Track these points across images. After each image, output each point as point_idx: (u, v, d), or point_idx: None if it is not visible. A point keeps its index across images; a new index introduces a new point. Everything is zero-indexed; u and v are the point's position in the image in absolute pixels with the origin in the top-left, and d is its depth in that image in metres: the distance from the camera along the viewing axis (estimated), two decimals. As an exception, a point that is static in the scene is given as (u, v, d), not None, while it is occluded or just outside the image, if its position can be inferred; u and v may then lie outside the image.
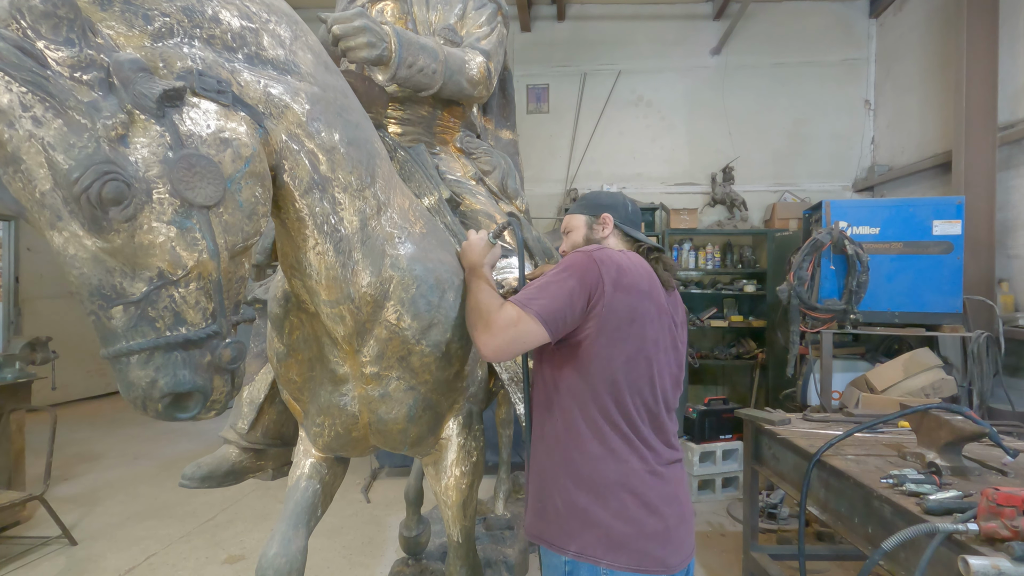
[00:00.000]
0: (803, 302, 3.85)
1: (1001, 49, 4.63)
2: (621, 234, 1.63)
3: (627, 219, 1.64)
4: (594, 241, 1.61)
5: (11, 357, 3.73)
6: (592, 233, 1.63)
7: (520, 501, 3.54)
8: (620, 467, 1.38)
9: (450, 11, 2.15)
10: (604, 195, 1.70)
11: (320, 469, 1.74)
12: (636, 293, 1.40)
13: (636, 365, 1.39)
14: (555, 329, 1.36)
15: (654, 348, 1.42)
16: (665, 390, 1.46)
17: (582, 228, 1.65)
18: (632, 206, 1.68)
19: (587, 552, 1.36)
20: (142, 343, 1.03)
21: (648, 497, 1.38)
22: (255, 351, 2.01)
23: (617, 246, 1.60)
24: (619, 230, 1.63)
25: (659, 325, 1.44)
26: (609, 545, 1.35)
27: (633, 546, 1.35)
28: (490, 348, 1.40)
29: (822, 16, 7.03)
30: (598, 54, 7.30)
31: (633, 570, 1.35)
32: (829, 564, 3.15)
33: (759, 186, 7.07)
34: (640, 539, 1.36)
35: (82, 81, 0.95)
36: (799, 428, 2.54)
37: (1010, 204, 4.65)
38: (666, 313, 1.48)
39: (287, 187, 1.27)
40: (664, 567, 1.37)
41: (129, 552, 3.43)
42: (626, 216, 1.64)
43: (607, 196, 1.69)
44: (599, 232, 1.62)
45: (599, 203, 1.65)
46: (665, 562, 1.38)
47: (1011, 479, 1.83)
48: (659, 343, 1.44)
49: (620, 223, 1.63)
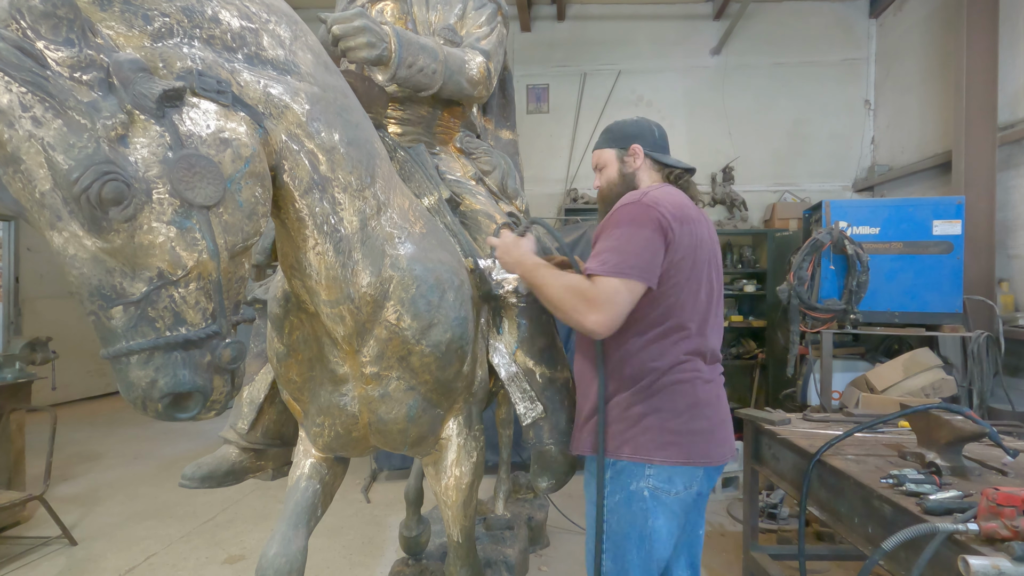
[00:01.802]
0: (803, 302, 3.85)
1: (1001, 49, 4.63)
2: (652, 161, 1.66)
3: (656, 145, 1.67)
4: (627, 174, 1.65)
5: (11, 357, 3.73)
6: (624, 166, 1.66)
7: (520, 501, 3.54)
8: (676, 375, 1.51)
9: (450, 11, 2.15)
10: (630, 124, 1.70)
11: (320, 469, 1.74)
12: (691, 223, 1.51)
13: (697, 286, 1.51)
14: (654, 279, 1.45)
15: (707, 268, 1.55)
16: (715, 303, 1.58)
17: (614, 162, 1.68)
18: (659, 130, 1.70)
19: (640, 453, 1.50)
20: (142, 343, 1.03)
21: (697, 397, 1.52)
22: (255, 351, 2.01)
23: (650, 175, 1.66)
24: (650, 159, 1.65)
25: (708, 246, 1.56)
26: (661, 443, 1.49)
27: (682, 442, 1.50)
28: (604, 324, 1.42)
29: (822, 16, 7.03)
30: (598, 54, 7.30)
31: (682, 463, 1.50)
32: (829, 564, 3.15)
33: (759, 186, 7.07)
34: (688, 435, 1.50)
35: (82, 81, 0.95)
36: (799, 428, 2.54)
37: (1010, 204, 4.65)
38: (709, 238, 1.58)
39: (287, 187, 1.27)
40: (707, 459, 1.54)
41: (129, 552, 3.43)
42: (654, 142, 1.67)
43: (633, 125, 1.70)
44: (631, 164, 1.65)
45: (626, 134, 1.67)
46: (709, 454, 1.54)
47: (1011, 479, 1.82)
48: (710, 262, 1.56)
49: (650, 151, 1.65)
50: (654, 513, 1.50)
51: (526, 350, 1.89)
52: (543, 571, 3.21)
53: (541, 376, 1.90)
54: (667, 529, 1.53)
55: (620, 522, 1.53)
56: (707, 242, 1.55)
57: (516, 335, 1.89)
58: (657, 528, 1.51)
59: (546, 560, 3.31)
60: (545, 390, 1.89)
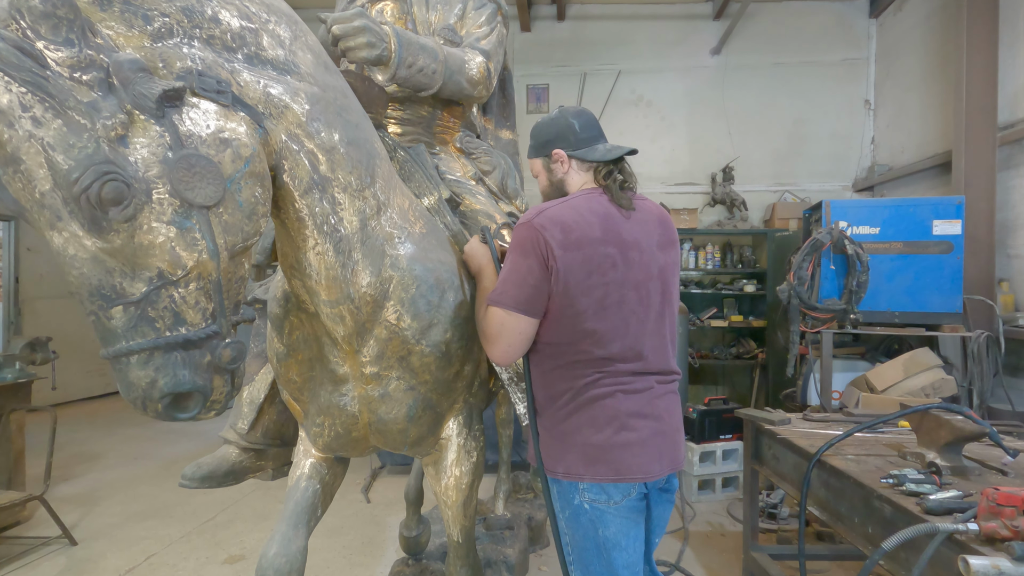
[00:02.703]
0: (803, 302, 3.85)
1: (1001, 49, 4.63)
2: (578, 161, 1.56)
3: (578, 141, 1.56)
4: (556, 181, 1.58)
5: (11, 357, 3.72)
6: (552, 174, 1.59)
7: (520, 501, 3.54)
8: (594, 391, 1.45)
9: (450, 11, 2.15)
10: (546, 126, 1.60)
11: (320, 469, 1.74)
12: (588, 244, 1.42)
13: (604, 312, 1.43)
14: (537, 312, 1.44)
15: (622, 290, 1.44)
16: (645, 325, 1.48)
17: (542, 171, 1.62)
18: (580, 120, 1.58)
19: (572, 471, 1.46)
20: (142, 343, 1.03)
21: (620, 411, 1.45)
22: (255, 351, 2.01)
23: (579, 176, 1.56)
24: (576, 160, 1.56)
25: (626, 263, 1.45)
26: (587, 461, 1.45)
27: (609, 458, 1.44)
28: (498, 356, 1.49)
29: (822, 16, 7.03)
30: (598, 54, 7.30)
31: (613, 479, 1.44)
32: (829, 564, 3.15)
33: (759, 186, 7.06)
34: (614, 450, 1.44)
35: (82, 81, 0.95)
36: (799, 428, 2.54)
37: (1010, 204, 4.65)
38: (630, 245, 1.46)
39: (287, 187, 1.27)
40: (644, 473, 1.46)
41: (129, 552, 3.43)
42: (576, 139, 1.56)
43: (549, 127, 1.59)
44: (558, 171, 1.58)
45: (545, 139, 1.59)
46: (644, 468, 1.46)
47: (1011, 479, 1.82)
48: (627, 282, 1.45)
49: (573, 153, 1.55)
50: (601, 523, 1.46)
51: (526, 350, 1.89)
52: (543, 571, 3.20)
53: None
54: (623, 534, 1.48)
55: (574, 535, 1.50)
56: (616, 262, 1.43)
57: (516, 335, 1.89)
58: (609, 536, 1.46)
59: (546, 560, 3.31)
60: (545, 390, 1.89)
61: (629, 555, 1.49)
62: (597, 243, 1.42)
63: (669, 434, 1.52)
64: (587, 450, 1.45)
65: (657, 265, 1.51)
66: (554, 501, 1.53)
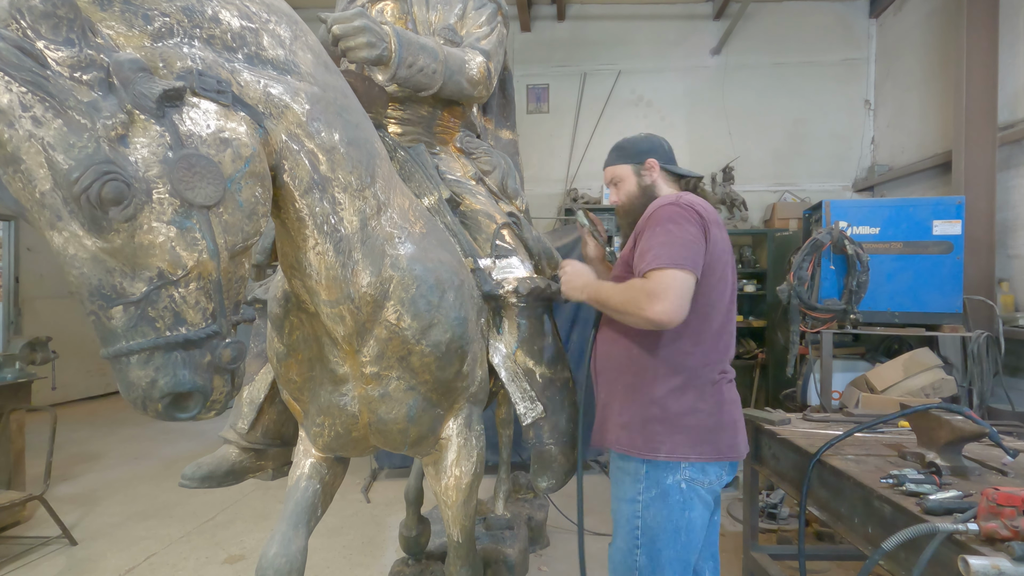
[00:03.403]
0: (803, 302, 3.85)
1: (1001, 49, 4.63)
2: (666, 174, 1.77)
3: (668, 158, 1.78)
4: (644, 186, 1.75)
5: (11, 357, 3.72)
6: (642, 179, 1.76)
7: (520, 501, 3.54)
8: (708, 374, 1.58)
9: (450, 11, 2.15)
10: (641, 140, 1.80)
11: (320, 469, 1.74)
12: (718, 226, 1.59)
13: (724, 287, 1.59)
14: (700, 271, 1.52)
15: (732, 270, 1.65)
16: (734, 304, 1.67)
17: (631, 176, 1.77)
18: (667, 144, 1.81)
19: (677, 452, 1.56)
20: (142, 343, 1.03)
21: (725, 396, 1.61)
22: (255, 351, 2.01)
23: (666, 185, 1.76)
24: (664, 171, 1.76)
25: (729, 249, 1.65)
26: (696, 442, 1.56)
27: (714, 439, 1.58)
28: (668, 312, 1.46)
29: (822, 16, 7.03)
30: (598, 54, 7.30)
31: (715, 458, 1.58)
32: (829, 564, 3.15)
33: (759, 186, 7.06)
34: (719, 432, 1.58)
35: (82, 81, 0.95)
36: (799, 428, 2.54)
37: (1010, 204, 4.65)
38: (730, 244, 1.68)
39: (287, 187, 1.27)
40: (735, 452, 1.63)
41: (129, 552, 3.43)
42: (666, 155, 1.78)
43: (644, 141, 1.80)
44: (648, 177, 1.75)
45: (639, 149, 1.77)
46: (736, 448, 1.63)
47: (1011, 479, 1.82)
48: (731, 264, 1.64)
49: (664, 164, 1.76)
50: (690, 504, 1.57)
51: (526, 350, 1.89)
52: (543, 571, 3.20)
53: (541, 376, 1.90)
54: (701, 520, 1.60)
55: (655, 517, 1.57)
56: (728, 246, 1.63)
57: (516, 335, 1.89)
58: (692, 519, 1.57)
59: (546, 560, 3.31)
60: (545, 390, 1.90)
61: (699, 541, 1.61)
62: (721, 227, 1.61)
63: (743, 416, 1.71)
64: (698, 432, 1.56)
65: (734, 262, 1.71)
66: (636, 483, 1.60)
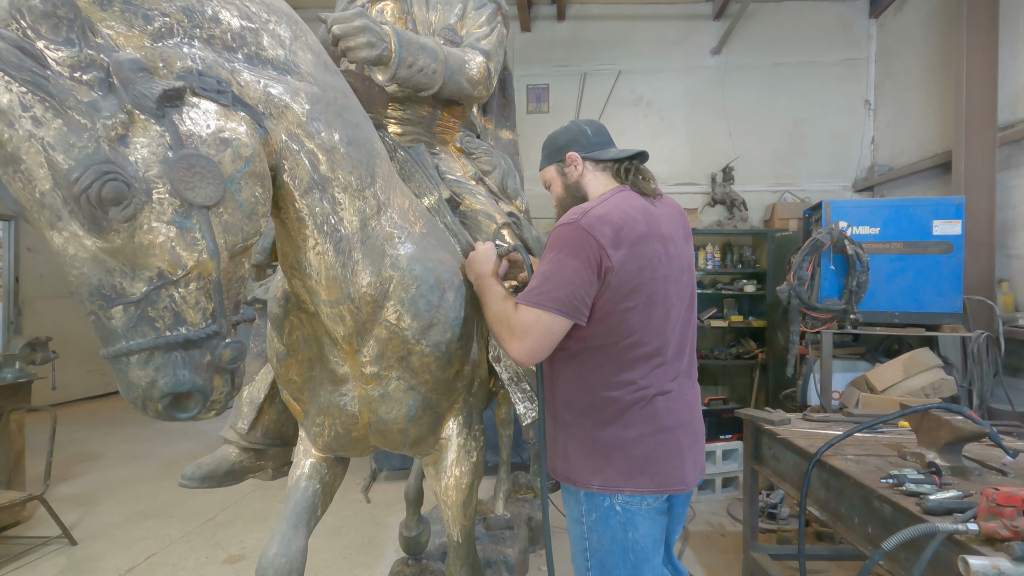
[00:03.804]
0: (803, 302, 3.85)
1: (1001, 49, 4.63)
2: (593, 163, 1.57)
3: (591, 144, 1.57)
4: (571, 184, 1.57)
5: (11, 357, 3.73)
6: (567, 178, 1.58)
7: (520, 501, 3.54)
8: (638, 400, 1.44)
9: (450, 11, 2.15)
10: (559, 134, 1.62)
11: (320, 469, 1.74)
12: (639, 241, 1.40)
13: (651, 307, 1.42)
14: (578, 314, 1.40)
15: (665, 283, 1.44)
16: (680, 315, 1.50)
17: (557, 178, 1.61)
18: (592, 127, 1.61)
19: (610, 484, 1.45)
20: (142, 343, 1.03)
21: (662, 422, 1.45)
22: (255, 351, 2.01)
23: (596, 178, 1.56)
24: (589, 160, 1.56)
25: (665, 256, 1.45)
26: (629, 474, 1.44)
27: (652, 470, 1.44)
28: (522, 354, 1.43)
29: (822, 16, 7.03)
30: (598, 54, 7.30)
31: (654, 491, 1.45)
32: (829, 564, 3.15)
33: (759, 186, 7.06)
34: (657, 462, 1.45)
35: (82, 81, 0.95)
36: (799, 428, 2.54)
37: (1010, 204, 4.64)
38: (668, 239, 1.47)
39: (287, 187, 1.27)
40: (682, 484, 1.48)
41: (129, 552, 3.43)
42: (589, 143, 1.57)
43: (562, 134, 1.61)
44: (572, 174, 1.57)
45: (558, 145, 1.60)
46: (682, 479, 1.48)
47: (1011, 479, 1.82)
48: (669, 276, 1.46)
49: (587, 155, 1.56)
50: (631, 525, 1.47)
51: (526, 350, 1.89)
52: (543, 571, 3.21)
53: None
54: (650, 536, 1.50)
55: (600, 539, 1.49)
56: (660, 257, 1.44)
57: (516, 335, 1.89)
58: (638, 539, 1.48)
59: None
60: (545, 390, 1.89)
61: (654, 555, 1.51)
62: (645, 239, 1.42)
63: (699, 440, 1.56)
64: (629, 462, 1.44)
65: (685, 257, 1.54)
66: (578, 505, 1.52)
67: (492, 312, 1.52)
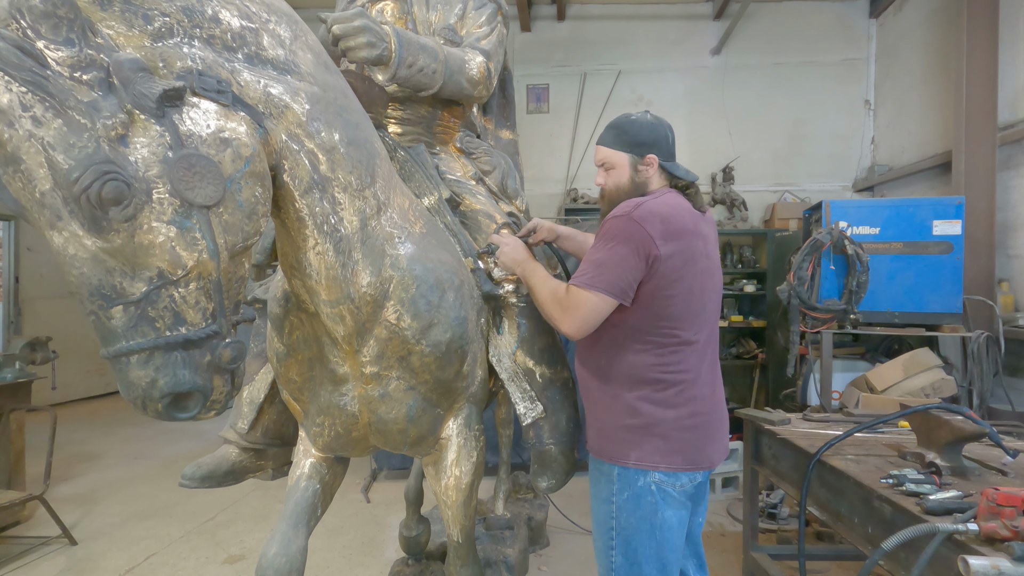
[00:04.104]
0: (803, 302, 3.85)
1: (1001, 49, 4.63)
2: (662, 171, 1.65)
3: (669, 153, 1.66)
4: (639, 183, 1.64)
5: (11, 357, 3.72)
6: (637, 175, 1.64)
7: (520, 501, 3.54)
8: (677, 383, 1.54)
9: (450, 11, 2.15)
10: (646, 129, 1.64)
11: (320, 469, 1.74)
12: (684, 236, 1.52)
13: (691, 297, 1.53)
14: (624, 296, 1.50)
15: (703, 277, 1.57)
16: (712, 309, 1.63)
17: (626, 168, 1.64)
18: (671, 134, 1.68)
19: (646, 460, 1.54)
20: (142, 343, 1.03)
21: (697, 404, 1.56)
22: (255, 351, 2.01)
23: (658, 182, 1.65)
24: (662, 169, 1.64)
25: (705, 255, 1.58)
26: (665, 451, 1.53)
27: (685, 448, 1.55)
28: (573, 328, 1.54)
29: (822, 16, 7.03)
30: (598, 54, 7.30)
31: (686, 468, 1.55)
32: (829, 564, 3.15)
33: (759, 186, 7.06)
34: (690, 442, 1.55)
35: (82, 81, 0.95)
36: (799, 428, 2.54)
37: (1010, 204, 4.64)
38: (710, 241, 1.63)
39: (287, 187, 1.27)
40: (709, 462, 1.60)
41: (129, 552, 3.43)
42: (668, 151, 1.66)
43: (649, 131, 1.64)
44: (644, 173, 1.64)
45: (642, 140, 1.63)
46: (711, 458, 1.61)
47: (1011, 479, 1.82)
48: (707, 271, 1.59)
49: (664, 162, 1.64)
50: (663, 505, 1.55)
51: (526, 350, 1.89)
52: (543, 571, 3.20)
53: (541, 376, 1.90)
54: (677, 519, 1.58)
55: (629, 517, 1.56)
56: (702, 253, 1.58)
57: (516, 335, 1.89)
58: (667, 519, 1.56)
59: (546, 560, 3.31)
60: (545, 390, 1.90)
61: (679, 540, 1.60)
62: (691, 235, 1.54)
63: (725, 425, 1.68)
64: (666, 440, 1.54)
65: (718, 258, 1.70)
66: (610, 484, 1.59)
67: (543, 294, 1.62)
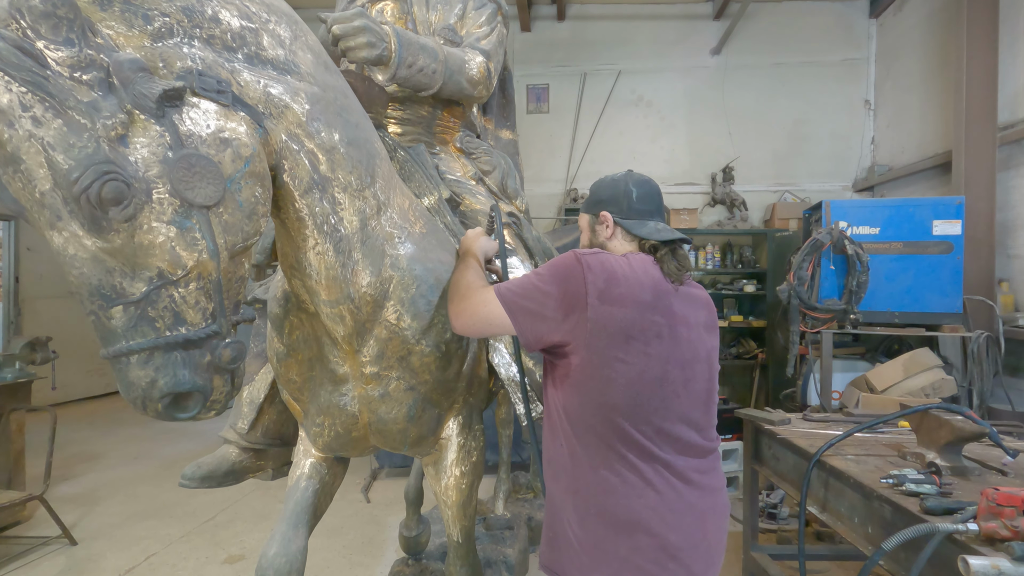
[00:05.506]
0: (803, 302, 3.85)
1: (1001, 49, 4.63)
2: (625, 231, 1.42)
3: (630, 211, 1.42)
4: (599, 244, 1.44)
5: (11, 357, 3.73)
6: (595, 235, 1.45)
7: (520, 501, 3.54)
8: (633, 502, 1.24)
9: (450, 11, 2.15)
10: (604, 186, 1.48)
11: (320, 469, 1.74)
12: (632, 305, 1.25)
13: (643, 388, 1.25)
14: (521, 327, 1.30)
15: (666, 366, 1.27)
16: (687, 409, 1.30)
17: (587, 228, 1.49)
18: (639, 191, 1.43)
19: None
20: (142, 343, 1.02)
21: (668, 540, 1.23)
22: (255, 351, 2.01)
23: (623, 246, 1.42)
24: (622, 228, 1.42)
25: (672, 338, 1.29)
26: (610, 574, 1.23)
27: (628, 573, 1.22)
28: (459, 321, 1.43)
29: (822, 16, 7.03)
30: (598, 54, 7.30)
31: None
32: (829, 564, 3.15)
33: (759, 186, 7.07)
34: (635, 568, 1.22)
35: (82, 81, 0.94)
36: (799, 428, 2.54)
37: (1010, 204, 4.65)
38: (680, 320, 1.31)
39: (287, 187, 1.27)
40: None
41: (129, 552, 3.43)
42: (629, 208, 1.42)
43: (607, 187, 1.47)
44: (601, 233, 1.44)
45: (598, 198, 1.46)
46: None
47: (1011, 479, 1.83)
48: (673, 358, 1.28)
49: (621, 219, 1.41)
50: None
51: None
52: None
53: (541, 376, 1.90)
54: None
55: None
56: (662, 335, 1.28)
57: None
58: None
59: (546, 560, 3.30)
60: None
61: None
62: (645, 307, 1.26)
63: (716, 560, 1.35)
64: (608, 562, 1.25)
65: (705, 348, 1.37)
66: None
67: (459, 276, 1.50)
